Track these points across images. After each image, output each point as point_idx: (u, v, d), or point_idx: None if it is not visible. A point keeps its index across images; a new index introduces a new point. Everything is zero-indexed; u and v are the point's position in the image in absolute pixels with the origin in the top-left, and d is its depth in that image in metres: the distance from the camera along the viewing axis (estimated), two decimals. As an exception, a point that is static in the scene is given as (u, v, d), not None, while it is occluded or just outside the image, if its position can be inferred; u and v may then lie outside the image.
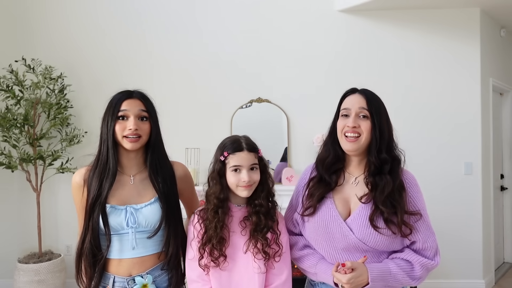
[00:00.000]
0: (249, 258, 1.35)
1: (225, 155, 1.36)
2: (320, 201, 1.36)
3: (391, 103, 3.46)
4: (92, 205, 1.35)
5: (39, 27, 3.63)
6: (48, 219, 3.58)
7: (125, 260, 1.37)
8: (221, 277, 1.35)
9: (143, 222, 1.37)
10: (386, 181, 1.29)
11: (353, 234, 1.29)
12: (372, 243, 1.28)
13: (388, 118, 1.37)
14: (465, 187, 3.52)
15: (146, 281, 1.38)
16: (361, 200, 1.31)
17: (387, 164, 1.32)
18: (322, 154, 1.42)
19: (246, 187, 1.34)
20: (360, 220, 1.30)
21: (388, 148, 1.33)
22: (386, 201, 1.27)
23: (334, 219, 1.33)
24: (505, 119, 4.38)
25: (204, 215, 1.38)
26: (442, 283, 3.48)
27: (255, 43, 3.59)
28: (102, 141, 1.40)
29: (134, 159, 1.44)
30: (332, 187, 1.37)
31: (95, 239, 1.35)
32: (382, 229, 1.27)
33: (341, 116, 1.36)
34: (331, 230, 1.32)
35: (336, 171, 1.39)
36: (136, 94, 1.42)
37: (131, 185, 1.42)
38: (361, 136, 1.31)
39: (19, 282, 3.14)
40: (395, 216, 1.27)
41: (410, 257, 1.31)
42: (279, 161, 3.54)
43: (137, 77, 3.55)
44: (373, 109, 1.32)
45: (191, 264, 1.38)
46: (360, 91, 1.37)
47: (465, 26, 3.52)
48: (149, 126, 1.41)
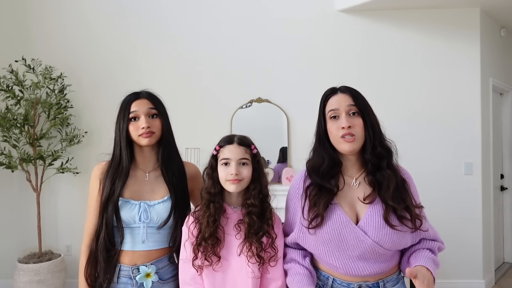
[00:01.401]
0: (243, 262, 1.32)
1: (216, 149, 1.37)
2: (326, 209, 1.28)
3: (391, 103, 3.50)
4: (105, 203, 1.42)
5: (39, 27, 3.63)
6: (48, 219, 3.58)
7: (134, 252, 1.44)
8: (215, 278, 1.32)
9: (155, 218, 1.44)
10: (388, 176, 1.26)
11: (369, 238, 1.23)
12: (389, 244, 1.24)
13: (373, 112, 1.33)
14: (465, 187, 3.52)
15: (150, 270, 1.44)
16: (364, 201, 1.27)
17: (384, 158, 1.29)
18: (315, 161, 1.34)
19: (234, 181, 1.31)
20: (373, 222, 1.25)
21: (381, 141, 1.30)
22: (395, 196, 1.24)
23: (345, 225, 1.25)
24: (505, 119, 4.38)
25: (198, 215, 1.36)
26: (442, 283, 3.47)
27: (255, 43, 3.59)
28: (115, 144, 1.48)
29: (149, 156, 1.51)
30: (334, 192, 1.29)
31: (109, 234, 1.42)
32: (398, 226, 1.23)
33: (330, 119, 1.30)
34: (344, 237, 1.25)
35: (333, 176, 1.32)
36: (143, 94, 1.49)
37: (146, 181, 1.49)
38: (357, 135, 1.27)
39: (19, 282, 3.14)
40: (405, 211, 1.25)
41: (428, 244, 1.33)
42: (279, 161, 3.54)
43: (137, 77, 3.55)
44: (361, 105, 1.29)
45: (184, 265, 1.37)
46: (342, 89, 1.32)
47: (465, 26, 3.52)
48: (160, 122, 1.48)
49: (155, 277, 1.44)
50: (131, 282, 1.43)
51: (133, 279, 1.43)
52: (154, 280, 1.44)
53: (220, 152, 1.36)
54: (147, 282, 1.43)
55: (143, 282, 1.43)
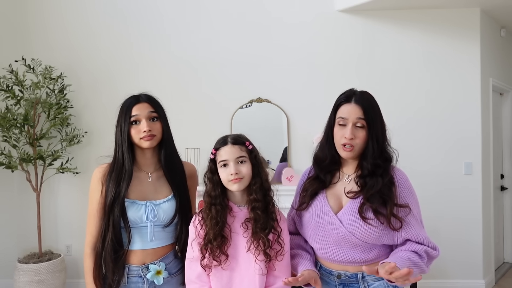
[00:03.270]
0: (250, 259, 1.35)
1: (213, 153, 1.40)
2: (314, 197, 1.44)
3: (391, 103, 3.50)
4: (110, 205, 1.45)
5: (39, 27, 3.63)
6: (48, 219, 3.58)
7: (142, 251, 1.48)
8: (222, 277, 1.35)
9: (162, 216, 1.49)
10: (376, 181, 1.34)
11: (343, 226, 1.35)
12: (361, 235, 1.32)
13: (383, 122, 1.41)
14: (465, 187, 3.52)
15: (160, 267, 1.49)
16: (347, 195, 1.37)
17: (380, 168, 1.36)
18: (319, 155, 1.48)
19: (235, 181, 1.34)
20: (350, 213, 1.35)
21: (381, 152, 1.38)
22: (374, 196, 1.32)
23: (325, 213, 1.39)
24: (505, 119, 4.38)
25: (204, 215, 1.40)
26: (442, 283, 3.48)
27: (255, 43, 3.59)
28: (117, 146, 1.51)
29: (151, 158, 1.56)
30: (326, 185, 1.44)
31: (116, 235, 1.45)
32: (370, 220, 1.31)
33: (338, 125, 1.39)
34: (322, 223, 1.39)
35: (331, 171, 1.46)
36: (143, 97, 1.53)
37: (149, 182, 1.54)
38: (356, 146, 1.36)
39: (19, 282, 3.14)
40: (383, 208, 1.31)
41: (413, 246, 1.32)
42: (279, 161, 3.54)
43: (137, 78, 3.55)
44: (370, 119, 1.36)
45: (190, 264, 1.40)
46: (357, 99, 1.37)
47: (465, 26, 3.52)
48: (160, 125, 1.52)
49: (165, 273, 1.49)
50: (142, 280, 1.48)
51: (144, 277, 1.47)
52: (164, 276, 1.49)
53: (217, 155, 1.39)
54: (159, 279, 1.48)
55: (154, 280, 1.48)
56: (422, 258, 1.31)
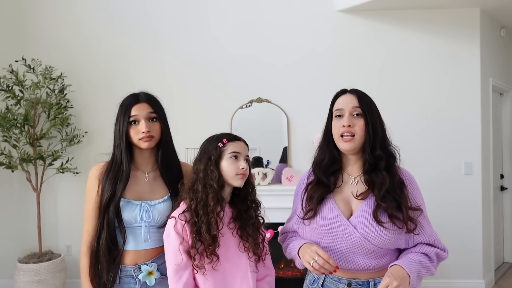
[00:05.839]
0: (241, 258, 1.35)
1: (224, 142, 1.35)
2: (320, 203, 1.35)
3: (391, 103, 3.50)
4: (106, 205, 1.44)
5: (39, 27, 3.63)
6: (48, 219, 3.58)
7: (135, 251, 1.47)
8: (215, 279, 1.31)
9: (156, 217, 1.47)
10: (383, 177, 1.29)
11: (357, 232, 1.28)
12: (377, 240, 1.26)
13: (380, 116, 1.38)
14: (465, 187, 3.52)
15: (152, 268, 1.48)
16: (357, 197, 1.32)
17: (382, 160, 1.32)
18: (318, 157, 1.42)
19: (243, 176, 1.34)
20: (363, 217, 1.29)
21: (382, 144, 1.34)
22: (386, 197, 1.27)
23: (337, 218, 1.31)
24: (505, 119, 4.38)
25: (188, 216, 1.31)
26: (442, 283, 3.48)
27: (255, 43, 3.59)
28: (115, 145, 1.50)
29: (148, 158, 1.54)
30: (331, 189, 1.36)
31: (110, 234, 1.44)
32: (386, 224, 1.26)
33: (335, 117, 1.37)
34: (334, 230, 1.31)
35: (334, 172, 1.38)
36: (143, 97, 1.51)
37: (145, 181, 1.52)
38: (356, 134, 1.32)
39: (19, 282, 3.14)
40: (399, 212, 1.27)
41: (424, 248, 1.31)
42: (279, 161, 3.54)
43: (137, 78, 3.55)
44: (365, 107, 1.34)
45: (176, 273, 1.30)
46: (351, 91, 1.39)
47: (465, 26, 3.52)
48: (159, 125, 1.51)
49: (157, 274, 1.48)
50: (134, 281, 1.47)
51: (136, 278, 1.46)
52: (156, 277, 1.48)
53: (228, 145, 1.35)
54: (150, 279, 1.47)
55: (146, 280, 1.47)
56: (432, 261, 1.29)
